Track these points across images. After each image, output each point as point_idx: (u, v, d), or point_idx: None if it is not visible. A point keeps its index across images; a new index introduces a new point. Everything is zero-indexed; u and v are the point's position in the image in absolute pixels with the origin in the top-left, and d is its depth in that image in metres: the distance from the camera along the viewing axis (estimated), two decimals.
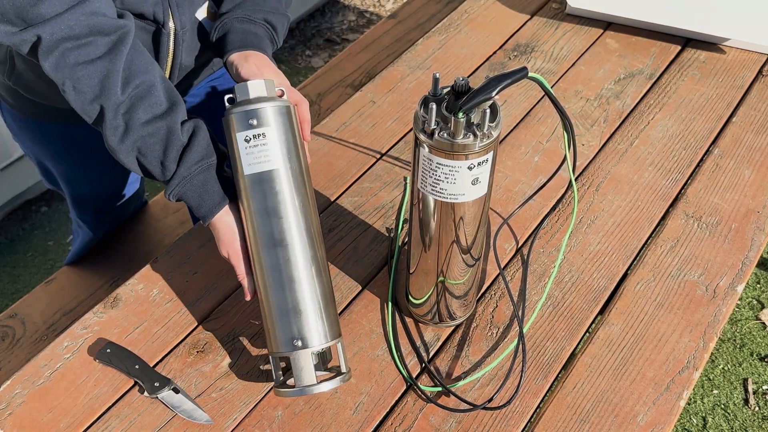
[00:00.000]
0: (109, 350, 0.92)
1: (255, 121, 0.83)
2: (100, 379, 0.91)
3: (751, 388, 1.76)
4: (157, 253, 1.11)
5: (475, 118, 0.74)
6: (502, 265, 1.04)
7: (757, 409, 1.73)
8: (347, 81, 1.68)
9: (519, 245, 1.06)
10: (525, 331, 0.95)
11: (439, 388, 0.90)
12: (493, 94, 0.70)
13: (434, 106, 0.73)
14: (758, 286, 1.98)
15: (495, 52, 1.40)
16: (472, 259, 0.87)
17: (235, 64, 0.95)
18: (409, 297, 0.95)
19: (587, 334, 0.97)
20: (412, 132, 0.79)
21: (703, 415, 1.72)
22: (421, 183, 0.79)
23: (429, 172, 0.77)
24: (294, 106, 0.90)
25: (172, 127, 0.86)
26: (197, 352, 0.94)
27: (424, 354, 0.94)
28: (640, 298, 0.99)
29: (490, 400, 0.88)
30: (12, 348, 1.29)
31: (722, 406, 1.74)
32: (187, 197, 0.88)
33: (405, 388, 0.91)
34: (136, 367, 0.90)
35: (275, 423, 0.87)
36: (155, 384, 0.89)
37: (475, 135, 0.73)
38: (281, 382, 0.86)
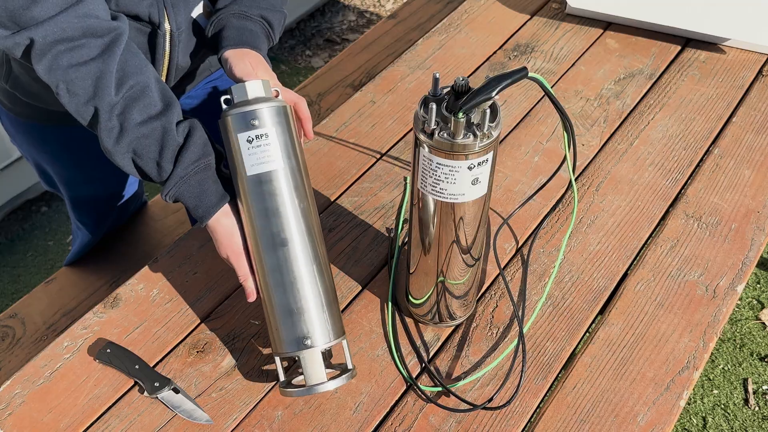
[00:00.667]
0: (109, 350, 0.92)
1: (257, 121, 0.82)
2: (100, 379, 0.91)
3: (751, 388, 1.76)
4: (157, 253, 1.11)
5: (475, 118, 0.74)
6: (502, 265, 1.04)
7: (757, 409, 1.73)
8: (347, 81, 1.68)
9: (519, 245, 1.06)
10: (525, 331, 0.95)
11: (439, 388, 0.90)
12: (493, 94, 0.70)
13: (434, 106, 0.73)
14: (758, 286, 1.98)
15: (495, 52, 1.40)
16: (472, 259, 0.87)
17: (229, 61, 0.95)
18: (409, 297, 0.95)
19: (587, 334, 0.97)
20: (412, 132, 0.78)
21: (703, 415, 1.72)
22: (421, 183, 0.79)
23: (429, 172, 0.77)
24: (292, 105, 0.89)
25: (167, 128, 0.85)
26: (197, 352, 0.94)
27: (424, 354, 0.94)
28: (640, 298, 0.99)
29: (490, 400, 0.88)
30: (12, 348, 1.29)
31: (722, 406, 1.74)
32: (185, 198, 0.87)
33: (405, 388, 0.91)
34: (136, 367, 0.90)
35: (275, 423, 0.87)
36: (155, 384, 0.89)
37: (475, 135, 0.73)
38: (287, 382, 0.86)
